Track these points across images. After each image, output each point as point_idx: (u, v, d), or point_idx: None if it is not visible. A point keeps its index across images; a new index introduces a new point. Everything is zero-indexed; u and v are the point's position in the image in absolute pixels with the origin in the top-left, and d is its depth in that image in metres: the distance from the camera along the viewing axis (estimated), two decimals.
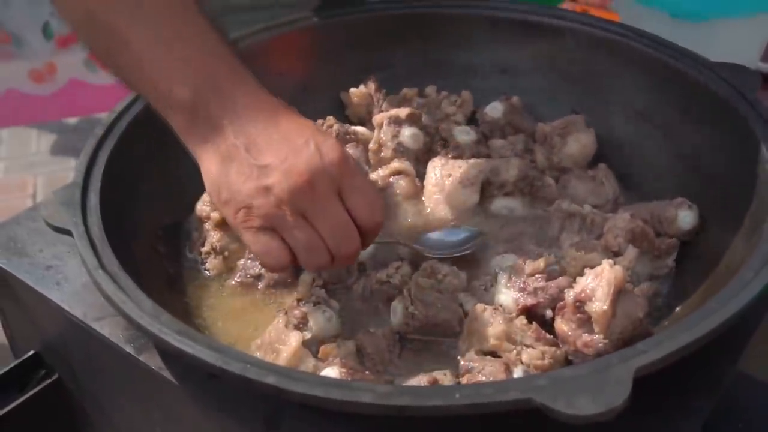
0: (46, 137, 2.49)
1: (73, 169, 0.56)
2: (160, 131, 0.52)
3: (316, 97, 0.73)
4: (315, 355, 0.49)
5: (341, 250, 0.53)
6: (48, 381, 0.58)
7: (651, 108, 0.64)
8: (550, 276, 0.50)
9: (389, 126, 0.67)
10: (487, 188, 0.61)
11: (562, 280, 0.50)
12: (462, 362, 0.47)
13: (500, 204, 0.61)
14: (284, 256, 0.52)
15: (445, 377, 0.46)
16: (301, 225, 0.52)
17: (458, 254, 0.58)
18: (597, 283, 0.46)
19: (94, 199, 0.52)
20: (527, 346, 0.47)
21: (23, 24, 1.47)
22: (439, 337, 0.51)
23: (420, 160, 0.66)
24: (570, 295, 0.47)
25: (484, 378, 0.45)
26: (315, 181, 0.52)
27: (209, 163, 0.53)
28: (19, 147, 2.48)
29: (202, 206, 0.60)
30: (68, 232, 0.48)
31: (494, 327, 0.47)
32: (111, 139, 0.58)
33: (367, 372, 0.48)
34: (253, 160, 0.53)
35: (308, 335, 0.50)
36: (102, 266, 0.46)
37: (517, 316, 0.49)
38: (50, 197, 0.51)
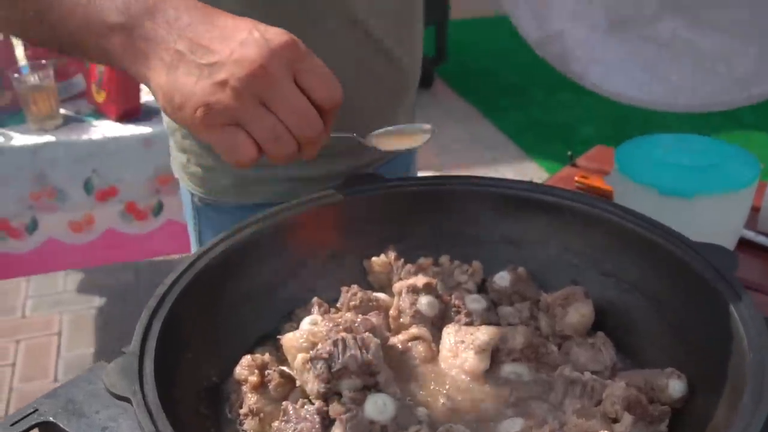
0: (73, 276, 2.59)
1: (97, 308, 0.63)
2: (204, 301, 0.59)
3: (343, 265, 0.82)
4: None
5: (305, 133, 0.54)
6: None
7: (643, 281, 0.71)
8: None
9: (407, 294, 0.74)
10: (496, 354, 0.68)
11: None
12: None
13: (508, 369, 0.67)
14: (251, 149, 0.54)
15: None
16: (262, 114, 0.53)
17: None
18: None
19: (149, 366, 0.58)
20: None
21: (67, 180, 1.59)
22: None
23: (436, 325, 0.73)
24: None
25: None
26: (267, 65, 0.53)
27: (157, 76, 0.55)
28: (46, 285, 2.58)
29: (240, 370, 0.66)
30: (128, 400, 0.55)
31: None
32: (162, 310, 0.65)
33: None
34: (201, 60, 0.54)
35: None
36: (157, 431, 0.52)
37: None
38: (111, 366, 0.58)
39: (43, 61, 1.60)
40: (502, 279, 0.77)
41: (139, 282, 2.56)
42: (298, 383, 0.64)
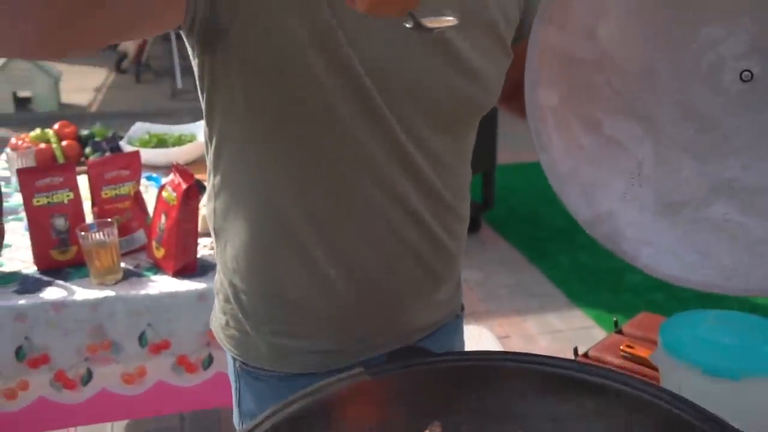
0: (119, 426, 2.61)
1: None
2: None
3: None
4: None
5: None
6: None
7: None
8: None
9: None
10: None
11: None
12: None
13: None
14: None
15: None
16: None
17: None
18: None
19: None
20: None
21: (124, 333, 1.65)
22: None
23: None
24: None
25: None
26: None
27: None
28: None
29: None
30: None
31: None
32: None
33: None
34: None
35: None
36: None
37: None
38: None
39: (109, 220, 1.70)
40: None
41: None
42: None
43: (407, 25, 0.70)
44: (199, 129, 2.58)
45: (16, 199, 2.13)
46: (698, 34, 0.91)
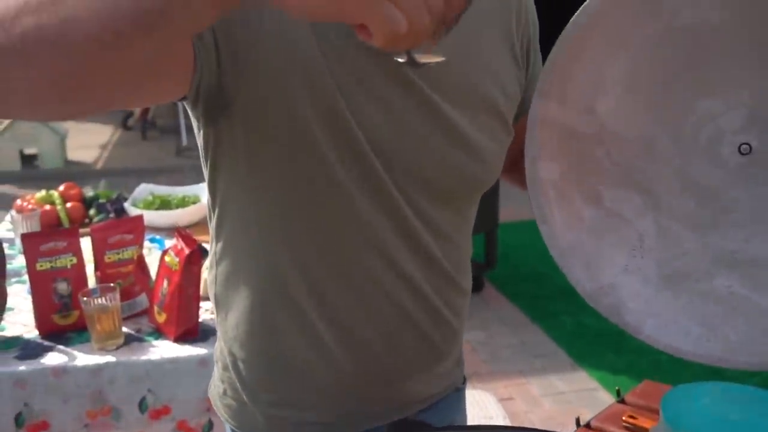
0: None
1: None
2: None
3: None
4: None
5: (437, 7, 0.58)
6: None
7: None
8: None
9: None
10: None
11: None
12: None
13: None
14: (404, 19, 0.56)
15: None
16: None
17: None
18: None
19: None
20: None
21: (124, 399, 1.63)
22: None
23: None
24: None
25: None
26: None
27: None
28: None
29: None
30: None
31: None
32: None
33: None
34: None
35: None
36: None
37: None
38: None
39: (112, 284, 1.70)
40: None
41: None
42: None
43: (400, 60, 0.73)
44: (202, 190, 2.60)
45: (19, 261, 2.13)
46: (696, 107, 0.93)
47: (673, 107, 0.93)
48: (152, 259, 2.02)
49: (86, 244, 1.82)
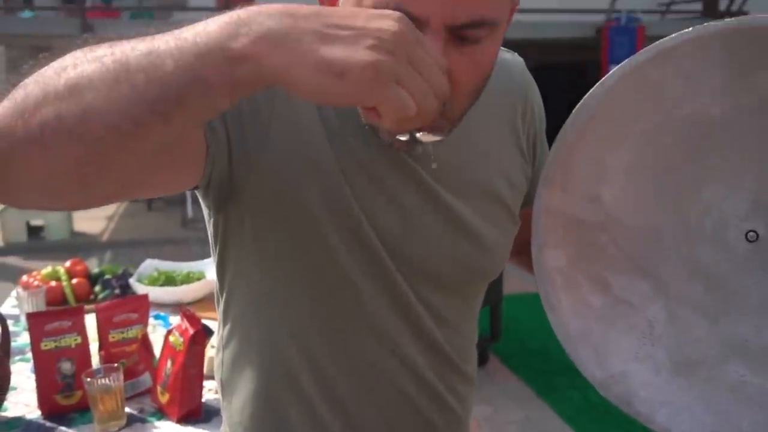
0: None
1: None
2: None
3: None
4: None
5: (443, 90, 0.60)
6: None
7: None
8: None
9: None
10: None
11: None
12: None
13: None
14: (412, 103, 0.58)
15: None
16: (412, 70, 0.58)
17: None
18: None
19: None
20: None
21: None
22: None
23: None
24: None
25: None
26: (403, 31, 0.58)
27: (305, 59, 0.57)
28: None
29: None
30: None
31: None
32: None
33: None
34: (344, 33, 0.57)
35: None
36: None
37: None
38: None
39: (115, 365, 1.69)
40: None
41: None
42: None
43: (402, 138, 0.74)
44: (207, 266, 2.60)
45: (23, 338, 2.12)
46: (700, 195, 0.94)
47: (677, 195, 0.94)
48: (156, 336, 2.01)
49: (91, 320, 1.82)
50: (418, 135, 0.75)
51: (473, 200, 0.94)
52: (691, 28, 0.84)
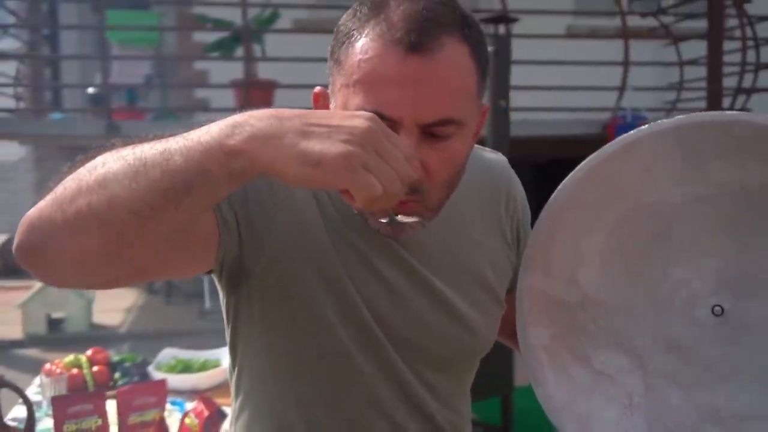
0: None
1: None
2: None
3: None
4: None
5: (409, 176, 0.72)
6: None
7: None
8: None
9: None
10: None
11: None
12: None
13: None
14: (379, 186, 0.69)
15: None
16: (379, 160, 0.69)
17: None
18: None
19: None
20: None
21: None
22: None
23: None
24: None
25: None
26: (373, 128, 0.70)
27: (288, 150, 0.69)
28: None
29: None
30: None
31: None
32: None
33: None
34: (321, 130, 0.69)
35: None
36: None
37: None
38: None
39: None
40: None
41: None
42: None
43: (383, 221, 0.86)
44: (223, 354, 2.67)
45: (45, 424, 2.18)
46: (669, 274, 1.02)
47: (648, 275, 1.03)
48: (172, 420, 2.07)
49: (111, 405, 1.89)
50: (397, 218, 0.86)
51: (461, 285, 1.03)
52: (648, 125, 0.95)
